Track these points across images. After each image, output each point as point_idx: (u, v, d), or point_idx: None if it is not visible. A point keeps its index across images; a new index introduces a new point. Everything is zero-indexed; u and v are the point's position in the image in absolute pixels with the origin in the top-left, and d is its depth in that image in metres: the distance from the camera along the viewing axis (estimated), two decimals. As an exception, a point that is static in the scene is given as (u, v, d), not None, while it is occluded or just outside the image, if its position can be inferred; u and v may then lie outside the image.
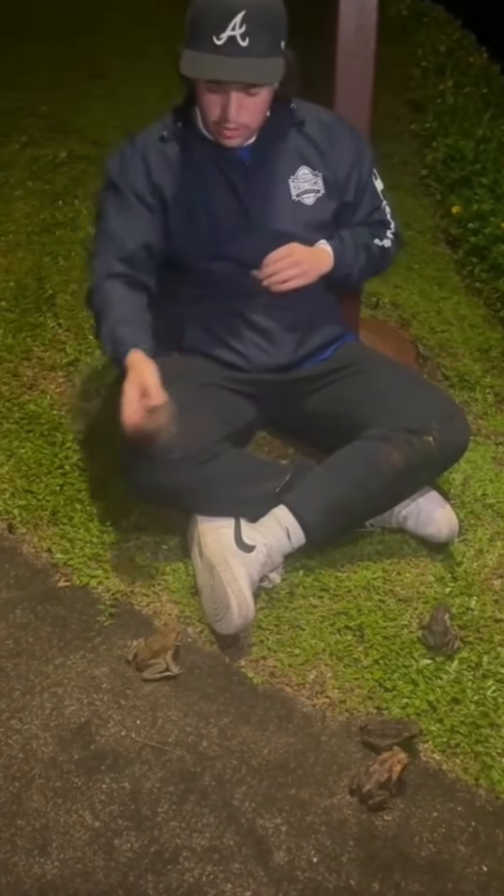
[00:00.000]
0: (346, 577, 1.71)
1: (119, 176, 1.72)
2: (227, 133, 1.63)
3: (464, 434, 1.75)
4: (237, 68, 1.52)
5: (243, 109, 1.59)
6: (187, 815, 1.26)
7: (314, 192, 1.76)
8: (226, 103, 1.57)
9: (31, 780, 1.28)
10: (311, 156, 1.75)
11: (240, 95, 1.57)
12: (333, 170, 1.77)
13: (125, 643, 1.52)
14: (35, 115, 3.57)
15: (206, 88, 1.58)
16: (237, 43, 1.49)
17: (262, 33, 1.51)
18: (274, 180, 1.73)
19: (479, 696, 1.52)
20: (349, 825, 1.28)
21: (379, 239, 1.86)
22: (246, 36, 1.49)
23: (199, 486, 1.61)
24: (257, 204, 1.73)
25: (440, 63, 4.65)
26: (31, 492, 1.81)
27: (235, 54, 1.50)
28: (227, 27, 1.48)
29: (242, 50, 1.50)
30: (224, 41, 1.49)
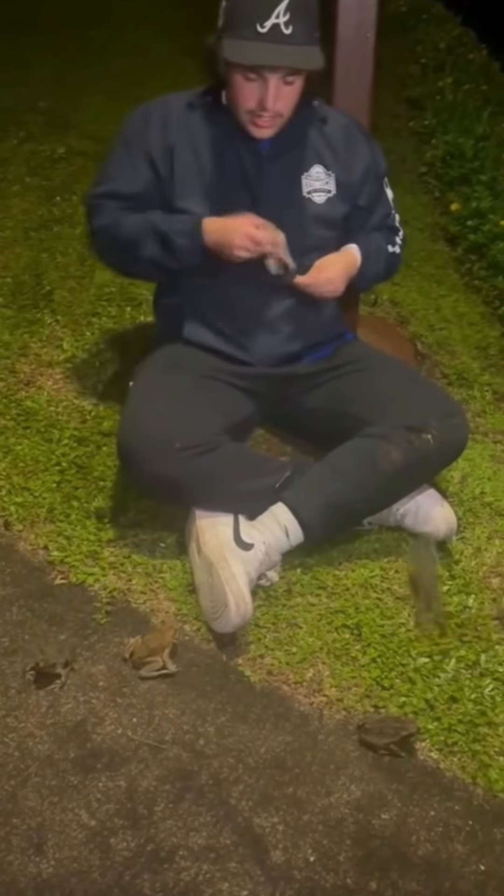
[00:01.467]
0: (344, 575, 1.71)
1: (133, 132, 1.73)
2: (261, 122, 1.63)
3: (462, 432, 1.75)
4: (284, 55, 1.53)
5: (280, 98, 1.60)
6: (184, 813, 1.26)
7: (325, 192, 1.76)
8: (264, 92, 1.58)
9: (27, 779, 1.27)
10: (326, 155, 1.76)
11: (278, 83, 1.58)
12: (348, 173, 1.78)
13: (122, 641, 1.51)
14: (34, 111, 3.56)
15: (244, 77, 1.58)
16: (281, 30, 1.51)
17: (303, 21, 1.53)
18: (287, 174, 1.74)
19: (476, 694, 1.51)
20: (346, 824, 1.28)
21: (391, 245, 1.91)
22: (290, 24, 1.51)
23: (198, 477, 1.60)
24: (266, 195, 1.73)
25: (440, 60, 4.65)
26: (27, 489, 1.80)
27: (280, 41, 1.52)
28: (272, 15, 1.50)
29: (286, 37, 1.52)
30: (268, 28, 1.51)
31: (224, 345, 1.81)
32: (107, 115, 3.49)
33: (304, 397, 1.87)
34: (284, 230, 1.70)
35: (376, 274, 1.91)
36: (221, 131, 1.71)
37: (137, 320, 2.37)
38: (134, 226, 1.72)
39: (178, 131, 1.71)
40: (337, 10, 1.94)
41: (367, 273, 1.85)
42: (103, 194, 1.76)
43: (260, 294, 1.77)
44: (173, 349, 1.83)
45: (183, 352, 1.82)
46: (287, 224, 1.71)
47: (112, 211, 1.75)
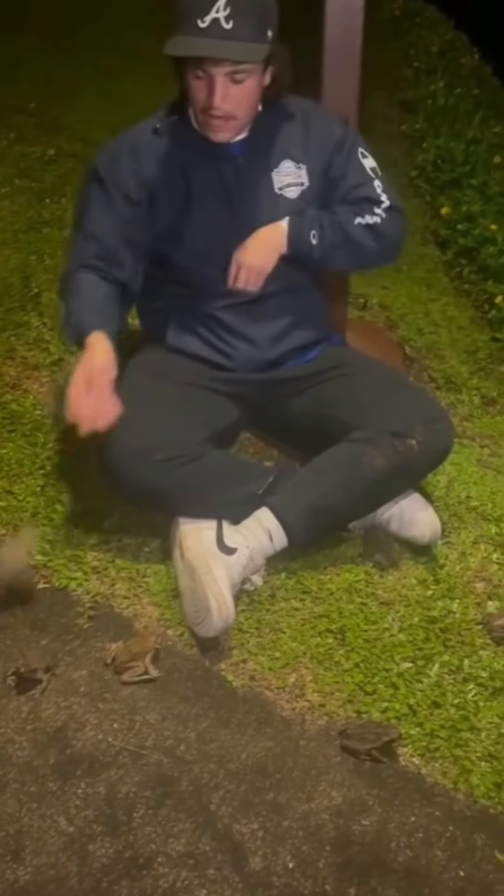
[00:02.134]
0: (328, 579, 1.71)
1: (106, 171, 1.71)
2: (213, 123, 1.61)
3: (447, 437, 1.75)
4: (219, 47, 1.51)
5: (228, 97, 1.57)
6: (163, 819, 1.25)
7: (298, 186, 1.74)
8: (211, 89, 1.56)
9: (6, 785, 1.27)
10: (294, 148, 1.74)
11: (225, 81, 1.55)
12: (315, 156, 1.74)
13: (104, 646, 1.51)
14: (24, 112, 3.54)
15: (193, 75, 1.57)
16: (221, 25, 1.49)
17: (247, 17, 1.50)
18: (259, 175, 1.72)
19: (459, 699, 1.51)
20: (326, 830, 1.28)
21: (362, 216, 1.75)
22: (230, 19, 1.48)
23: (181, 487, 1.60)
24: (244, 201, 1.72)
25: (432, 63, 4.66)
26: (11, 492, 1.79)
27: (219, 36, 1.49)
28: (211, 10, 1.48)
29: (226, 32, 1.49)
30: (208, 23, 1.49)
31: (207, 351, 1.81)
32: (97, 117, 3.49)
33: (289, 402, 1.86)
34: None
35: (332, 246, 1.73)
36: (194, 148, 1.69)
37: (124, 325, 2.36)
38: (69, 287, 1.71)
39: (150, 166, 1.69)
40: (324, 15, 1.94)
41: (302, 240, 1.71)
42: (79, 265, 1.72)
43: (241, 302, 1.77)
44: (156, 356, 1.82)
45: (165, 359, 1.81)
46: (264, 223, 1.71)
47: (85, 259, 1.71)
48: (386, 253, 1.82)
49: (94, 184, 1.73)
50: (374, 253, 1.79)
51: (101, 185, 1.71)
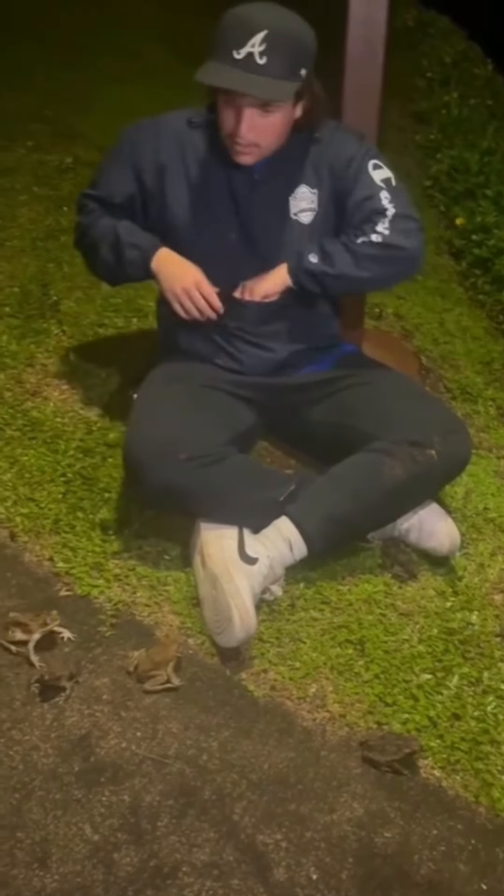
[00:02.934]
0: (348, 590, 1.71)
1: (129, 143, 1.77)
2: (238, 149, 1.65)
3: (466, 448, 1.76)
4: (249, 82, 1.54)
5: (255, 129, 1.61)
6: (187, 829, 1.26)
7: (311, 211, 1.76)
8: (238, 118, 1.59)
9: (31, 792, 1.28)
10: (310, 174, 1.75)
11: (253, 112, 1.59)
12: (326, 180, 1.74)
13: (126, 654, 1.51)
14: (41, 120, 3.57)
15: (223, 101, 1.61)
16: (254, 60, 1.53)
17: (281, 54, 1.53)
18: (275, 197, 1.75)
19: (479, 712, 1.52)
20: (349, 842, 1.28)
21: (364, 235, 1.69)
22: (264, 54, 1.52)
23: (203, 487, 1.61)
24: (254, 218, 1.75)
25: (445, 74, 4.68)
26: (33, 500, 1.81)
27: (250, 70, 1.53)
28: (247, 43, 1.52)
29: (258, 67, 1.53)
30: (242, 56, 1.53)
31: (218, 356, 1.83)
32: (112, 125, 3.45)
33: (306, 410, 1.87)
34: (272, 252, 1.74)
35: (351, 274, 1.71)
36: (217, 153, 1.72)
37: (143, 331, 2.37)
38: (101, 228, 1.79)
39: (171, 150, 1.74)
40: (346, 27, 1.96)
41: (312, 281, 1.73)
42: (90, 196, 1.83)
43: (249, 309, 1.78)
44: (174, 359, 1.85)
45: (183, 362, 1.84)
46: (277, 245, 1.75)
47: (90, 211, 1.82)
48: (403, 265, 1.76)
49: (112, 157, 1.80)
50: (390, 270, 1.75)
51: (117, 157, 1.78)
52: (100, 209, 1.81)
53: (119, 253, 1.75)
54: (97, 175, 1.84)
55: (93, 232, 1.80)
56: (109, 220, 1.78)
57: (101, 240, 1.78)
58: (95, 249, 1.80)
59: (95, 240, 1.80)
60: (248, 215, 1.74)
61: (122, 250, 1.75)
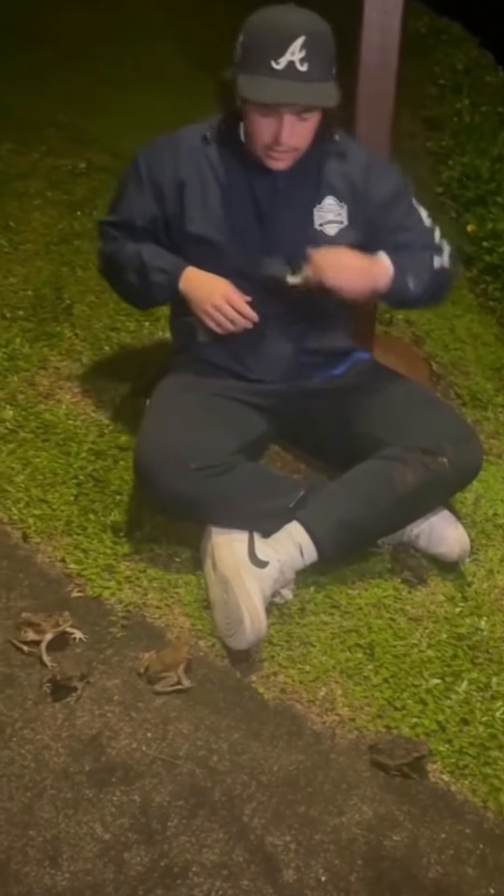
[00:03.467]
0: (357, 594, 1.72)
1: (146, 164, 1.76)
2: (275, 156, 1.65)
3: (478, 456, 1.77)
4: (299, 92, 1.54)
5: (295, 134, 1.61)
6: (197, 829, 1.27)
7: (338, 224, 1.76)
8: (278, 127, 1.59)
9: (43, 791, 1.29)
10: (340, 188, 1.75)
11: (293, 119, 1.58)
12: (363, 205, 1.76)
13: (137, 655, 1.52)
14: (54, 125, 3.59)
15: (259, 112, 1.59)
16: (296, 67, 1.52)
17: (319, 58, 1.54)
18: (299, 206, 1.74)
19: (487, 717, 1.52)
20: (358, 844, 1.29)
21: (438, 258, 1.80)
22: (305, 61, 1.52)
23: (214, 497, 1.62)
24: (277, 227, 1.74)
25: (457, 81, 4.68)
26: (45, 501, 1.82)
27: (294, 78, 1.53)
28: (287, 52, 1.51)
29: (301, 75, 1.53)
30: (283, 66, 1.52)
31: (233, 362, 1.83)
32: (125, 130, 3.52)
33: (318, 416, 1.88)
34: (297, 261, 1.71)
35: (422, 291, 1.77)
36: (236, 164, 1.72)
37: (155, 336, 2.39)
38: (126, 254, 1.78)
39: (189, 166, 1.72)
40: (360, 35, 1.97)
41: (405, 288, 1.73)
42: (110, 222, 1.83)
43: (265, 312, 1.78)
44: (187, 368, 1.85)
45: (197, 370, 1.84)
46: (300, 255, 1.72)
47: (114, 238, 1.81)
48: (441, 297, 1.92)
49: (130, 179, 1.79)
50: (439, 294, 1.88)
51: (135, 179, 1.77)
52: (122, 235, 1.80)
53: (145, 278, 1.75)
54: (115, 200, 1.84)
55: (117, 258, 1.79)
56: (133, 246, 1.77)
57: (127, 266, 1.77)
58: (121, 276, 1.80)
59: (121, 266, 1.79)
60: (272, 224, 1.74)
61: (148, 275, 1.74)
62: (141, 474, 1.65)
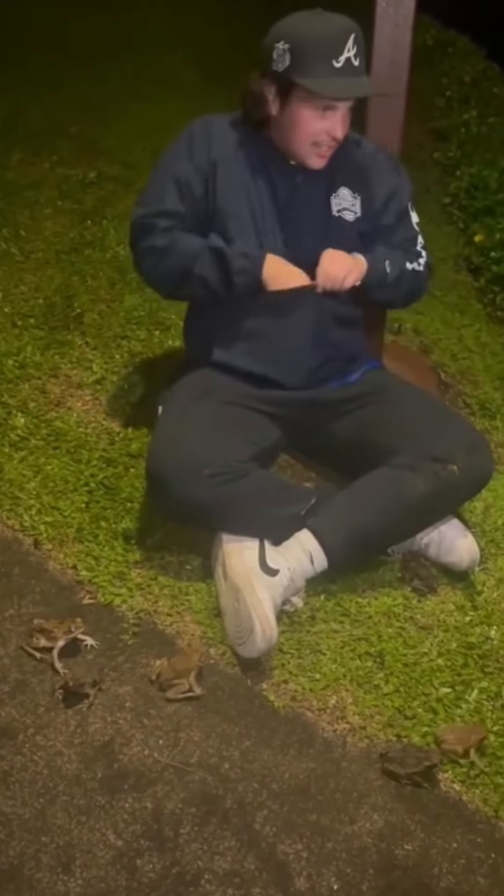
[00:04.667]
0: (367, 602, 1.72)
1: (180, 153, 1.76)
2: (323, 152, 1.70)
3: (488, 465, 1.77)
4: (362, 86, 1.65)
5: (346, 127, 1.69)
6: (209, 837, 1.27)
7: (353, 213, 1.80)
8: (335, 122, 1.65)
9: (56, 797, 1.29)
10: (353, 179, 1.80)
11: (345, 114, 1.66)
12: (371, 197, 1.81)
13: (148, 662, 1.53)
14: (66, 136, 3.62)
15: (316, 112, 1.64)
16: (352, 63, 1.60)
17: (363, 53, 1.63)
18: (317, 196, 1.78)
19: (499, 726, 1.52)
20: (369, 853, 1.29)
21: (409, 262, 1.87)
22: (357, 56, 1.61)
23: (226, 503, 1.63)
24: (296, 216, 1.77)
25: (465, 93, 4.70)
26: (57, 508, 1.83)
27: (353, 73, 1.61)
28: (344, 50, 1.58)
29: (356, 69, 1.61)
30: (342, 63, 1.59)
31: (253, 365, 1.83)
32: (136, 141, 3.56)
33: (330, 424, 1.89)
34: (316, 249, 1.76)
35: (395, 280, 1.82)
36: (259, 155, 1.75)
37: (166, 344, 2.40)
38: (190, 243, 1.74)
39: (220, 147, 1.75)
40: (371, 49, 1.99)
41: (382, 273, 1.80)
42: (154, 214, 1.76)
43: (288, 317, 1.80)
44: (201, 374, 1.86)
45: (211, 377, 1.85)
46: (319, 243, 1.76)
47: (163, 230, 1.75)
48: (411, 301, 1.99)
49: (166, 166, 1.77)
50: (414, 295, 1.95)
51: (172, 165, 1.76)
52: (166, 224, 1.74)
53: (223, 265, 1.71)
54: (153, 190, 1.78)
55: (179, 249, 1.73)
56: (191, 236, 1.74)
57: (194, 254, 1.72)
58: (186, 267, 1.73)
59: (185, 255, 1.73)
60: (291, 218, 1.77)
61: (228, 261, 1.71)
62: (153, 480, 1.66)
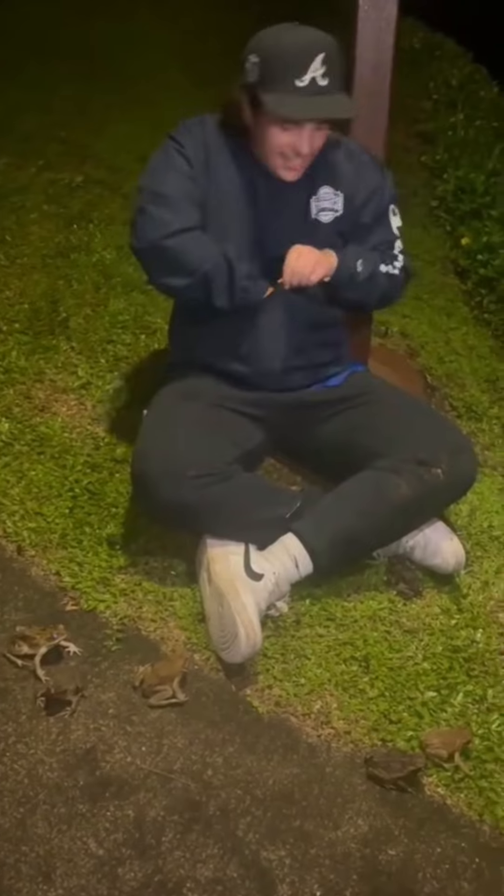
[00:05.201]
0: (353, 606, 1.72)
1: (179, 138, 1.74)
2: (291, 165, 1.69)
3: (472, 467, 1.77)
4: (324, 107, 1.60)
5: (313, 143, 1.67)
6: (192, 844, 1.26)
7: (333, 212, 1.80)
8: (299, 140, 1.64)
9: (36, 806, 1.28)
10: (335, 176, 1.79)
11: (312, 131, 1.64)
12: (354, 193, 1.81)
13: (132, 668, 1.52)
14: (53, 140, 3.61)
15: (281, 127, 1.63)
16: (318, 83, 1.57)
17: (335, 71, 1.59)
18: (296, 197, 1.77)
19: (483, 730, 1.52)
20: (353, 859, 1.28)
21: (385, 264, 1.84)
22: (325, 76, 1.57)
23: (211, 505, 1.62)
24: (275, 220, 1.77)
25: (451, 96, 4.71)
26: (40, 514, 1.82)
27: (316, 93, 1.58)
28: (309, 70, 1.56)
29: (322, 89, 1.58)
30: (307, 83, 1.57)
31: (233, 367, 1.83)
32: (124, 145, 3.55)
33: (314, 427, 1.89)
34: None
35: (367, 279, 1.79)
36: (242, 159, 1.74)
37: (151, 348, 2.40)
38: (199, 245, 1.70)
39: (212, 147, 1.74)
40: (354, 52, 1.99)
41: (353, 270, 1.76)
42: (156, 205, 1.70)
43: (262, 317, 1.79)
44: (186, 377, 1.86)
45: (195, 380, 1.84)
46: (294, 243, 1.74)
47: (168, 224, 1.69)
48: (384, 304, 1.96)
49: (165, 161, 1.73)
50: (388, 299, 1.93)
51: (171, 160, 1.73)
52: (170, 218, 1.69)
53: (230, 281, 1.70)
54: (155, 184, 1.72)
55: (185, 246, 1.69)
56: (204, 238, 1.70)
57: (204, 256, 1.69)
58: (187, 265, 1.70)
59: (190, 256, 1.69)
60: (269, 220, 1.76)
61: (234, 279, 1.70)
62: (138, 482, 1.65)
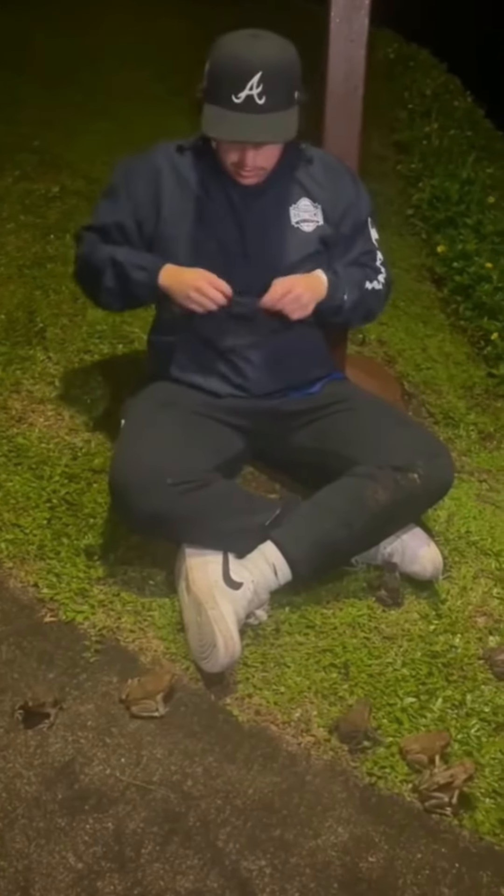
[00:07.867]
0: (332, 614, 1.72)
1: (123, 174, 1.81)
2: (244, 174, 1.71)
3: (448, 472, 1.78)
4: (255, 127, 1.60)
5: (259, 157, 1.68)
6: (171, 856, 1.26)
7: (314, 222, 1.82)
8: (242, 155, 1.66)
9: (14, 821, 1.27)
10: (313, 190, 1.82)
11: (254, 146, 1.65)
12: (333, 206, 1.84)
13: (111, 680, 1.51)
14: (28, 150, 3.61)
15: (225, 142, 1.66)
16: (254, 101, 1.58)
17: (278, 90, 1.59)
18: (275, 206, 1.80)
19: (462, 734, 1.53)
20: (334, 867, 1.28)
21: (369, 281, 1.90)
22: (263, 95, 1.58)
23: (189, 513, 1.62)
24: (254, 226, 1.79)
25: (426, 106, 4.77)
26: (18, 525, 1.81)
27: (252, 111, 1.58)
28: (245, 87, 1.56)
29: (259, 107, 1.59)
30: (242, 100, 1.58)
31: (210, 379, 1.84)
32: (100, 155, 3.55)
33: (292, 435, 1.90)
34: (273, 266, 1.77)
35: (352, 306, 1.86)
36: (211, 171, 1.78)
37: (129, 358, 2.40)
38: (101, 255, 1.81)
39: (166, 176, 1.79)
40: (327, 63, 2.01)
41: (336, 297, 1.81)
42: (87, 227, 1.88)
43: (245, 330, 1.81)
44: (164, 386, 1.87)
45: (172, 389, 1.85)
46: (277, 253, 1.78)
47: (90, 242, 1.85)
48: (368, 320, 2.05)
49: (108, 193, 1.84)
50: (371, 315, 1.99)
51: (113, 193, 1.83)
52: (97, 239, 1.84)
53: (124, 276, 1.78)
54: (96, 212, 1.88)
55: (93, 260, 1.82)
56: (108, 248, 1.81)
57: (102, 267, 1.80)
58: (98, 278, 1.82)
59: (96, 268, 1.81)
60: (248, 224, 1.78)
61: (127, 273, 1.77)
62: (116, 491, 1.65)
